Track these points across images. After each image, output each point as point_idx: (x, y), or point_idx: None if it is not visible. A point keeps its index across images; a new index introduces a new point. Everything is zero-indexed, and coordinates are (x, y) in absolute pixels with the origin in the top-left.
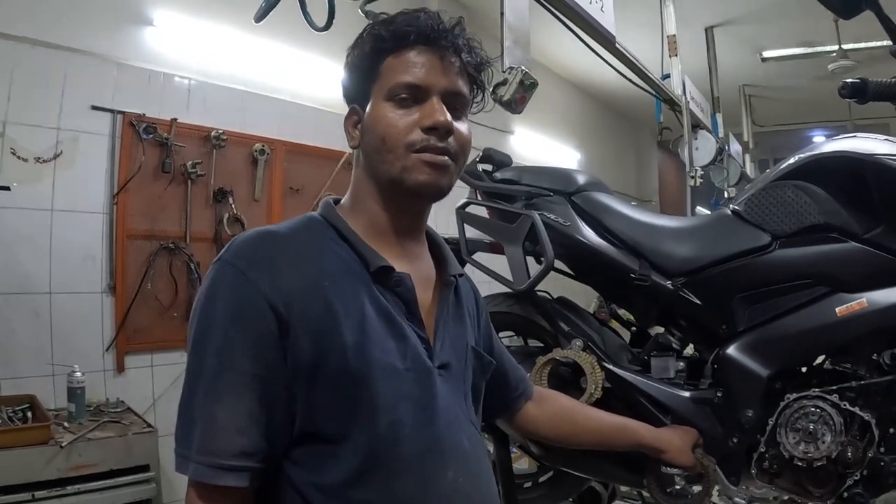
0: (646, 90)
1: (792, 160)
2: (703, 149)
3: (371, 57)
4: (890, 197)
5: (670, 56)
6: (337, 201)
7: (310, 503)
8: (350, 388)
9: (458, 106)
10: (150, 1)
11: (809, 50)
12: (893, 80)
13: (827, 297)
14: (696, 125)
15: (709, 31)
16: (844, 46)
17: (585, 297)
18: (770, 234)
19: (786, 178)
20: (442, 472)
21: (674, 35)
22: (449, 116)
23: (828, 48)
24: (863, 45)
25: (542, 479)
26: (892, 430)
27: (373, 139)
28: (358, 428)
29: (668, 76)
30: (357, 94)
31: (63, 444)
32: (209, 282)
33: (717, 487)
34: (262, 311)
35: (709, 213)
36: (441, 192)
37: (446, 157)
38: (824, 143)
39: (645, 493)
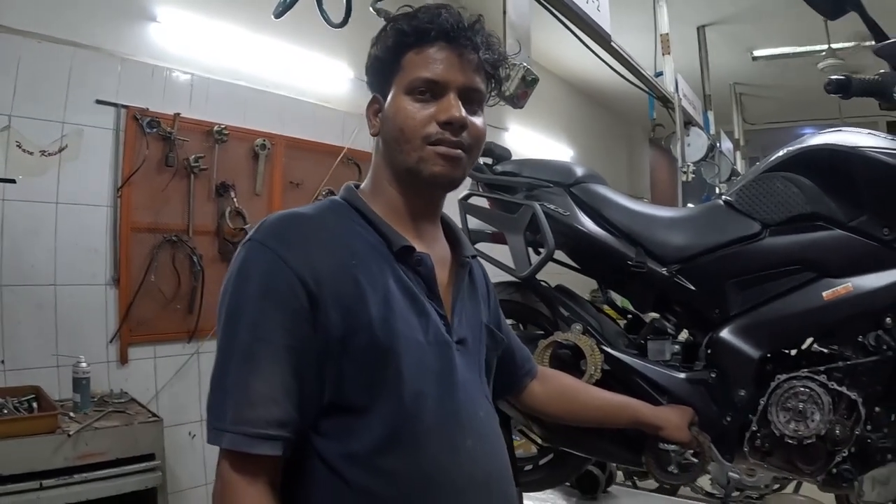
0: (640, 87)
1: (781, 153)
2: (694, 145)
3: (394, 50)
4: (873, 187)
5: (663, 54)
6: (357, 186)
7: (337, 473)
8: (377, 360)
9: (474, 101)
10: None
11: (799, 49)
12: (877, 76)
13: (814, 282)
14: (689, 122)
15: (701, 30)
16: (834, 46)
17: (579, 287)
18: (760, 222)
19: (775, 170)
20: (461, 440)
21: (667, 34)
22: (464, 112)
23: (817, 47)
24: (852, 43)
25: (542, 462)
26: (877, 409)
27: (392, 129)
28: (384, 398)
29: (661, 74)
30: (379, 84)
31: (70, 433)
32: (240, 261)
33: (709, 471)
34: (293, 287)
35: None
36: (454, 183)
37: (459, 151)
38: (812, 137)
39: (639, 480)
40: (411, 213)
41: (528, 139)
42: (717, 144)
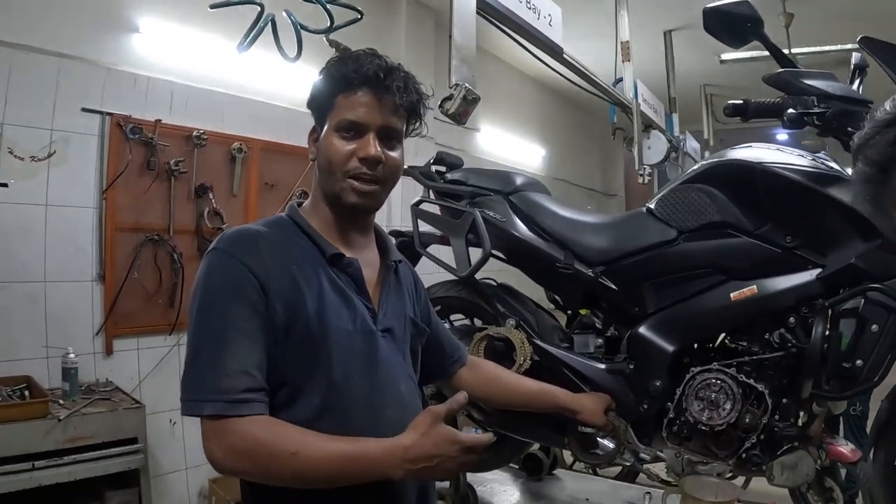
0: (598, 96)
1: (697, 166)
2: (654, 148)
3: (327, 92)
4: (775, 198)
5: (623, 61)
6: (300, 204)
7: None
8: (312, 346)
9: (392, 137)
10: (137, 9)
11: (763, 53)
12: (776, 100)
13: (723, 283)
14: (649, 125)
15: (667, 35)
16: (794, 50)
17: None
18: (676, 229)
19: (691, 182)
20: (383, 409)
21: (627, 41)
22: (378, 149)
23: None
24: (810, 49)
25: None
26: (784, 400)
27: (322, 161)
28: (319, 376)
29: (620, 80)
30: (317, 117)
31: (60, 418)
32: (206, 267)
33: (665, 458)
34: (251, 281)
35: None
36: (370, 209)
37: (374, 185)
38: (725, 152)
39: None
40: (342, 227)
41: (500, 139)
42: (681, 146)
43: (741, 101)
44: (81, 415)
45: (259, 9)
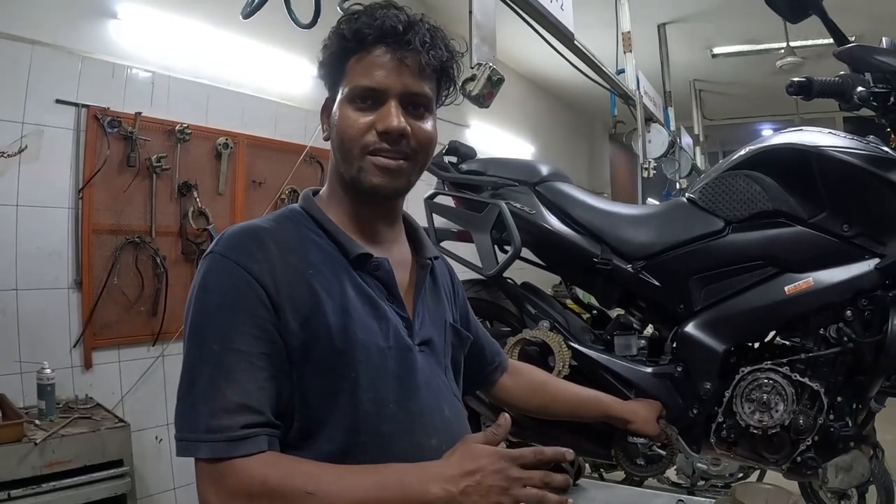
0: (602, 85)
1: (743, 151)
2: (655, 141)
3: (337, 56)
4: (833, 185)
5: (625, 52)
6: (316, 192)
7: None
8: (335, 368)
9: (419, 105)
10: None
11: (758, 47)
12: (837, 78)
13: (776, 276)
14: (650, 119)
15: (661, 28)
16: (792, 44)
17: (540, 283)
18: (723, 219)
19: (738, 168)
20: (426, 440)
21: (628, 32)
22: (402, 121)
23: (775, 45)
24: (810, 42)
25: None
26: (839, 399)
27: (336, 138)
28: (343, 405)
29: (622, 71)
30: (329, 87)
31: (37, 442)
32: (203, 274)
33: (675, 462)
34: (257, 292)
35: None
36: (397, 193)
37: (401, 161)
38: (773, 136)
39: (606, 472)
40: (367, 219)
41: (490, 136)
42: (678, 140)
43: (805, 79)
44: (60, 437)
45: None
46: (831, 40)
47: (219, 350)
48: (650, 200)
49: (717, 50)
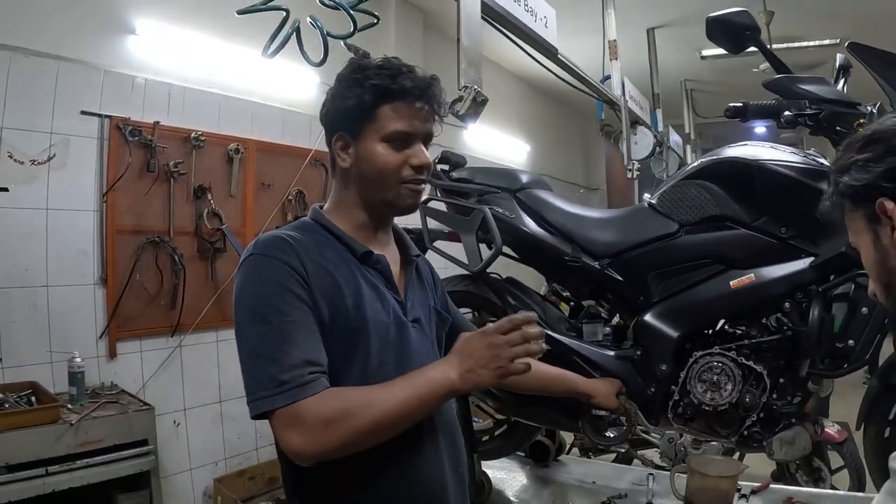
0: (587, 93)
1: (696, 163)
2: (641, 143)
3: (371, 102)
4: (770, 193)
5: (611, 59)
6: (321, 206)
7: None
8: (352, 338)
9: (428, 141)
10: (133, 10)
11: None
12: (772, 102)
13: (723, 273)
14: (635, 122)
15: (650, 32)
16: (774, 46)
17: (533, 278)
18: (677, 223)
19: (691, 178)
20: None
21: (614, 40)
22: (429, 157)
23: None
24: (788, 45)
25: (497, 433)
26: (781, 380)
27: (369, 170)
28: (355, 366)
29: (608, 78)
30: (348, 125)
31: (72, 423)
32: (248, 272)
33: (658, 444)
34: (296, 277)
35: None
36: (417, 207)
37: (422, 185)
38: (723, 149)
39: (594, 456)
40: (371, 227)
41: (487, 136)
42: (665, 141)
43: (741, 104)
44: (92, 418)
45: (284, 14)
46: (810, 43)
47: (278, 323)
48: (646, 196)
49: (705, 52)
